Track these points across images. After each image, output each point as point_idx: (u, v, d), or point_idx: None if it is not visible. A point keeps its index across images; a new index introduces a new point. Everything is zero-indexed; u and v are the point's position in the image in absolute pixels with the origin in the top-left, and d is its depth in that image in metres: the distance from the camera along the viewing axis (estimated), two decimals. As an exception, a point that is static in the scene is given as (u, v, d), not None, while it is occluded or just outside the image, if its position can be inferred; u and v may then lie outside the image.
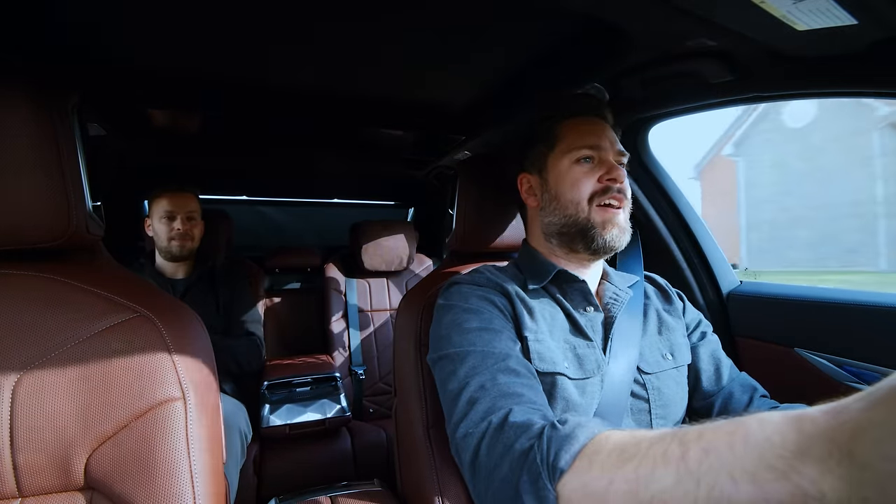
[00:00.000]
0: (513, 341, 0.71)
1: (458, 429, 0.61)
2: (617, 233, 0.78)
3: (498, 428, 0.56)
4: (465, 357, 0.67)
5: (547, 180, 0.84)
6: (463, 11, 0.89)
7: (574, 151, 0.80)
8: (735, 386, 0.83)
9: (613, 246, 0.79)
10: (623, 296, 0.83)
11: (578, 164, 0.80)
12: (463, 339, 0.69)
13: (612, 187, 0.78)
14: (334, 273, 2.20)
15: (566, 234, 0.81)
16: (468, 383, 0.63)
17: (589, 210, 0.78)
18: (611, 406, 0.73)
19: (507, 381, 0.62)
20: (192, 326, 0.70)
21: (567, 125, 0.83)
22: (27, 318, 0.60)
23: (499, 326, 0.71)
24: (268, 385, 1.63)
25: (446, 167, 2.15)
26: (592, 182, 0.79)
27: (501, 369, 0.64)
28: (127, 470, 0.58)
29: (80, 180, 0.65)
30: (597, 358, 0.76)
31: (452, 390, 0.65)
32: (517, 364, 0.65)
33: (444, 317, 0.76)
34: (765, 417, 0.36)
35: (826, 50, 0.76)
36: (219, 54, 1.09)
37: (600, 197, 0.78)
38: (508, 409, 0.58)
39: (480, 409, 0.60)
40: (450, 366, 0.68)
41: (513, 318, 0.75)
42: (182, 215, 1.62)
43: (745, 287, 1.22)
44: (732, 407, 0.81)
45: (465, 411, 0.61)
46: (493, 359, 0.65)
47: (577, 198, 0.79)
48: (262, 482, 1.59)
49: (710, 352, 0.87)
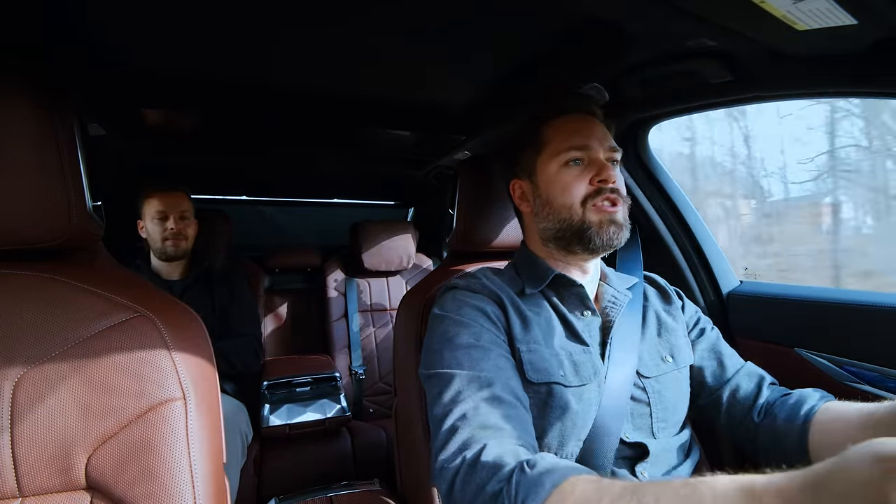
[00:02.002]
0: (503, 358, 0.70)
1: (437, 459, 0.62)
2: (615, 230, 0.76)
3: (471, 465, 0.57)
4: (451, 380, 0.67)
5: (538, 185, 0.82)
6: (463, 11, 0.89)
7: (562, 154, 0.78)
8: (741, 377, 0.82)
9: (612, 244, 0.77)
10: (622, 299, 0.82)
11: (567, 168, 0.78)
12: (452, 358, 0.69)
13: (604, 188, 0.76)
14: (334, 273, 2.20)
15: (562, 237, 0.80)
16: (451, 410, 0.64)
17: (583, 212, 0.77)
18: (610, 411, 0.72)
19: (489, 411, 0.62)
20: (192, 326, 0.70)
21: (552, 126, 0.81)
22: (27, 318, 0.60)
23: (488, 342, 0.71)
24: (268, 385, 1.63)
25: (446, 167, 2.15)
26: (584, 185, 0.77)
27: (485, 397, 0.64)
28: (127, 470, 0.58)
29: (80, 180, 0.65)
30: (594, 363, 0.75)
31: (437, 415, 0.66)
32: (502, 390, 0.65)
33: (437, 328, 0.76)
34: (716, 484, 0.39)
35: (826, 50, 0.76)
36: (219, 54, 1.09)
37: (593, 199, 0.76)
38: (483, 444, 0.58)
39: (458, 440, 0.61)
40: (436, 387, 0.69)
41: (505, 330, 0.75)
42: (175, 215, 1.61)
43: (745, 287, 1.22)
44: (740, 399, 0.80)
45: (445, 440, 0.62)
46: (478, 384, 0.65)
47: (569, 202, 0.77)
48: (262, 482, 1.59)
49: (710, 346, 0.86)
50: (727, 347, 0.88)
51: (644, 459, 0.73)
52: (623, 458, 0.73)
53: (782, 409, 0.74)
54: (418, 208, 2.76)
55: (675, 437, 0.77)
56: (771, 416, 0.75)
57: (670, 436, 0.76)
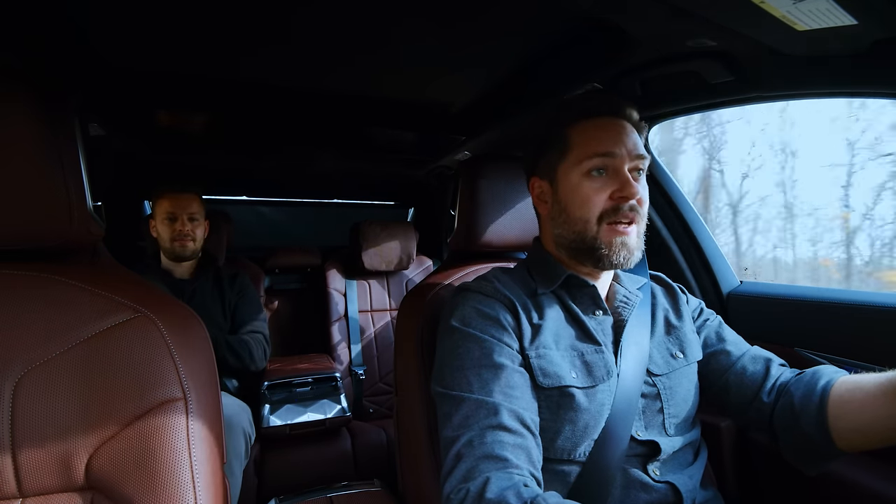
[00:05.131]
0: (515, 374, 0.70)
1: (444, 486, 0.64)
2: (626, 254, 0.75)
3: (475, 499, 0.58)
4: (460, 404, 0.68)
5: (557, 191, 0.80)
6: (463, 11, 0.89)
7: (585, 162, 0.75)
8: (747, 360, 0.82)
9: (621, 266, 0.77)
10: (633, 298, 0.83)
11: (589, 179, 0.75)
12: (462, 378, 0.70)
13: (623, 206, 0.74)
14: (334, 273, 2.20)
15: (574, 248, 0.79)
16: (459, 436, 0.65)
17: (598, 230, 0.75)
18: (622, 410, 0.72)
19: (493, 441, 0.63)
20: (193, 326, 0.70)
21: (578, 129, 0.78)
22: (28, 319, 0.60)
23: (500, 358, 0.71)
24: (268, 385, 1.63)
25: (446, 167, 2.16)
26: (603, 199, 0.75)
27: (491, 425, 0.65)
28: (128, 470, 0.58)
29: (80, 180, 0.65)
30: (606, 363, 0.75)
31: (446, 438, 0.67)
32: (508, 418, 0.66)
33: (448, 342, 0.75)
34: None
35: (826, 50, 0.76)
36: (219, 55, 1.09)
37: (610, 216, 0.75)
38: (486, 477, 0.59)
39: (463, 468, 0.62)
40: (446, 407, 0.70)
41: (517, 335, 0.74)
42: (184, 216, 1.63)
43: (745, 287, 1.22)
44: (747, 381, 0.79)
45: (452, 466, 0.64)
46: (486, 411, 0.66)
47: (585, 216, 0.76)
48: (263, 482, 1.59)
49: (714, 332, 0.87)
50: (731, 333, 0.87)
51: (656, 458, 0.73)
52: (635, 455, 0.73)
53: (798, 388, 0.74)
54: (418, 208, 2.76)
55: (686, 434, 0.77)
56: (787, 396, 0.75)
57: (681, 433, 0.77)
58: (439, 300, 0.92)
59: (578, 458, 0.70)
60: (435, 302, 0.92)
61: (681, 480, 0.72)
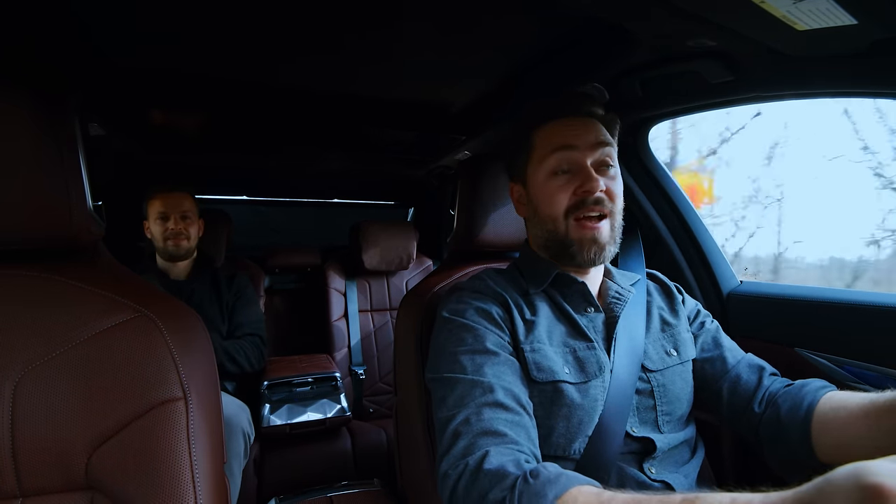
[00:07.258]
0: (508, 362, 0.71)
1: (441, 464, 0.63)
2: (596, 250, 0.76)
3: (474, 472, 0.58)
4: (454, 385, 0.68)
5: (529, 192, 0.83)
6: (463, 11, 0.89)
7: (547, 159, 0.77)
8: (742, 368, 0.82)
9: (594, 263, 0.78)
10: (626, 294, 0.83)
11: (554, 177, 0.77)
12: (456, 362, 0.70)
13: (587, 199, 0.75)
14: (334, 273, 2.20)
15: (550, 248, 0.81)
16: (455, 415, 0.65)
17: (566, 226, 0.77)
18: (616, 406, 0.73)
19: (491, 417, 0.63)
20: (193, 326, 0.70)
21: (541, 132, 0.80)
22: (28, 318, 0.60)
23: (492, 346, 0.71)
24: (268, 385, 1.63)
25: (446, 167, 2.16)
26: (567, 195, 0.76)
27: (488, 402, 0.64)
28: (128, 470, 0.58)
29: (80, 180, 0.65)
30: (598, 360, 0.75)
31: (441, 419, 0.67)
32: (504, 396, 0.66)
33: (442, 332, 0.76)
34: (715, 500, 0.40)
35: (826, 50, 0.76)
36: (219, 55, 1.09)
37: (576, 211, 0.76)
38: (485, 451, 0.59)
39: (461, 446, 0.61)
40: (441, 391, 0.70)
41: (510, 331, 0.75)
42: (176, 215, 1.62)
43: (745, 287, 1.22)
44: (741, 389, 0.80)
45: (449, 445, 0.63)
46: (481, 389, 0.66)
47: (553, 213, 0.77)
48: (262, 482, 1.59)
49: (711, 338, 0.87)
50: (727, 339, 0.88)
51: (651, 456, 0.73)
52: (630, 453, 0.73)
53: (785, 400, 0.74)
54: (418, 208, 2.76)
55: (681, 433, 0.77)
56: (774, 407, 0.75)
57: (676, 431, 0.77)
58: (439, 300, 0.92)
59: (573, 455, 0.71)
60: (434, 302, 0.92)
61: (676, 479, 0.73)
